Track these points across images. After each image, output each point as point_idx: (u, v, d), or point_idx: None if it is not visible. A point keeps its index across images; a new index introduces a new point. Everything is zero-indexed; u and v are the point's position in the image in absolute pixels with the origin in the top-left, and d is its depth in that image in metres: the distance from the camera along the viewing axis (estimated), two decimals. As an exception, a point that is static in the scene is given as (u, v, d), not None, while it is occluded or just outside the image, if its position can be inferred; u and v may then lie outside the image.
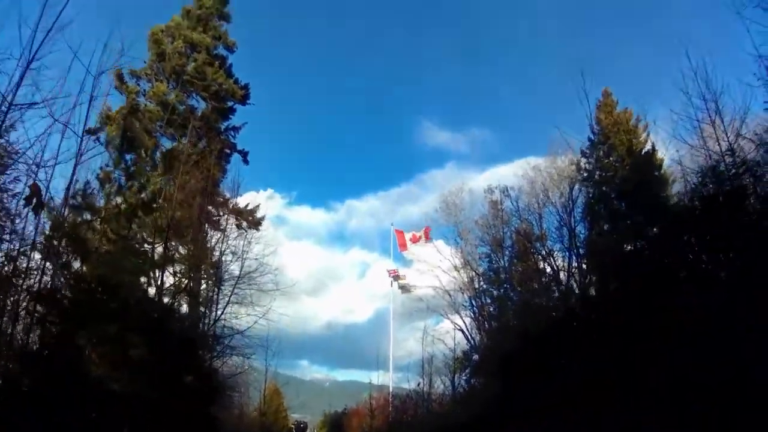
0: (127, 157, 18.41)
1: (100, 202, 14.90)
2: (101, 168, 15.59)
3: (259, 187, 43.31)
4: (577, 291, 16.91)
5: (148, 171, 18.00)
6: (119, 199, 15.86)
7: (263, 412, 33.89)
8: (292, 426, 73.85)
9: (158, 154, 19.57)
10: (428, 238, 32.24)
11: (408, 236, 33.57)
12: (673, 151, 15.59)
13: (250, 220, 27.64)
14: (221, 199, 24.90)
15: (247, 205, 27.45)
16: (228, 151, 27.29)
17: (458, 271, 27.23)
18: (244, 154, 28.41)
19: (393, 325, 38.12)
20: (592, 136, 22.05)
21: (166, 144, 21.12)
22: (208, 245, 22.78)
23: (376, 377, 36.73)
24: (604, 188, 18.40)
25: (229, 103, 27.56)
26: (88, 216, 12.88)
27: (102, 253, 12.92)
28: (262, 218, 27.98)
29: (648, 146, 20.20)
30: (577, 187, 19.96)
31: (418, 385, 26.80)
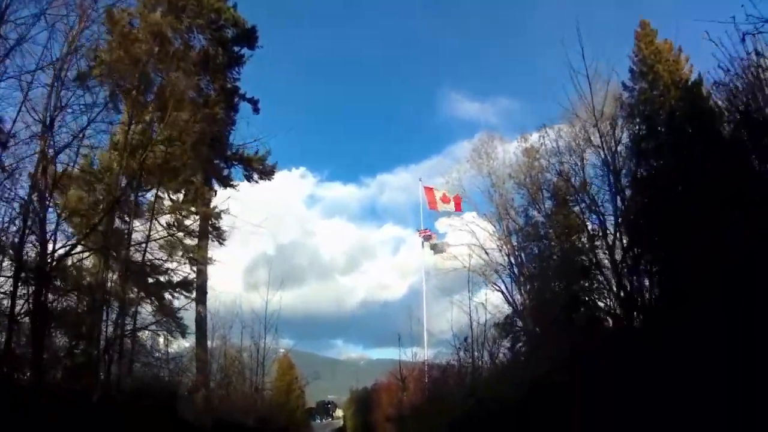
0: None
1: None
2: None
3: (291, 165, 42.66)
4: (625, 242, 14.96)
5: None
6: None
7: (257, 387, 30.60)
8: (310, 407, 70.13)
9: (150, 95, 17.46)
10: (459, 209, 29.63)
11: (438, 194, 30.68)
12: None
13: (260, 169, 25.20)
14: (229, 153, 22.80)
15: (256, 152, 24.83)
16: (236, 99, 24.74)
17: (494, 225, 25.55)
18: (253, 102, 25.83)
19: (426, 292, 35.87)
20: (633, 67, 20.43)
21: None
22: (207, 198, 21.10)
23: (410, 353, 33.50)
24: (650, 123, 16.33)
25: (235, 48, 24.91)
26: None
27: None
28: (274, 166, 25.76)
29: (694, 76, 18.22)
30: (620, 124, 17.74)
31: (463, 344, 24.47)
